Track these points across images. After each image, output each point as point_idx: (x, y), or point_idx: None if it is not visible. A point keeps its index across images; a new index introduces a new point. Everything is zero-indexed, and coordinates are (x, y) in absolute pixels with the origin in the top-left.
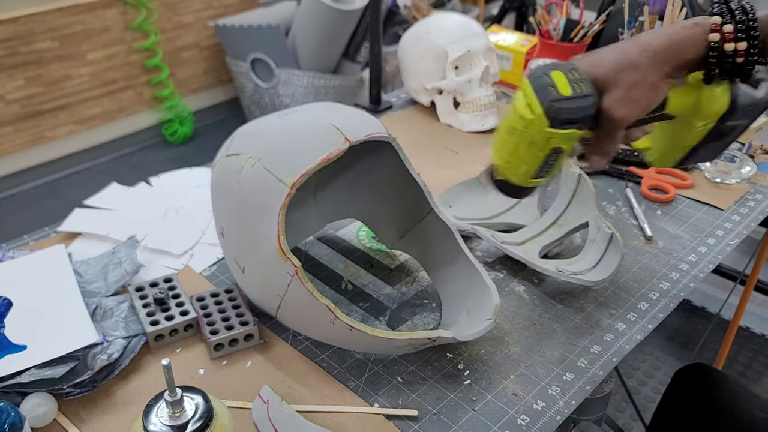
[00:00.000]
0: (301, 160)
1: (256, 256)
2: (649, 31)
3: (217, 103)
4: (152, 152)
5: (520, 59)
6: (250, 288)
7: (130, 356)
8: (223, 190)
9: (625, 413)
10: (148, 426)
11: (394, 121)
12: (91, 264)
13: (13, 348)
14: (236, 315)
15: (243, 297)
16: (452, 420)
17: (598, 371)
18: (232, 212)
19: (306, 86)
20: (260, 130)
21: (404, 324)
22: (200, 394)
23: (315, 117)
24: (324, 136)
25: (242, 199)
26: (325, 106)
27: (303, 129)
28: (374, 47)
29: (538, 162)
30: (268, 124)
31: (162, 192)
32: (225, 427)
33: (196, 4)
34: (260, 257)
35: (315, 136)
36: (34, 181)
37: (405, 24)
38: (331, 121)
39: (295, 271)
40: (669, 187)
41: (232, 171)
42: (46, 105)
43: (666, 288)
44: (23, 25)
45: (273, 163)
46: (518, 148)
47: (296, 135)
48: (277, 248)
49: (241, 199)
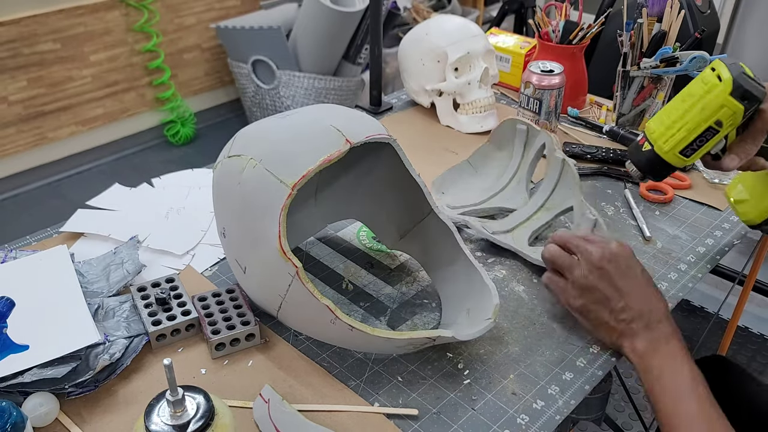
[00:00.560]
0: (302, 161)
1: (257, 256)
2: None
3: (219, 104)
4: (154, 153)
5: (519, 61)
6: (252, 288)
7: (132, 356)
8: (225, 191)
9: (624, 413)
10: (149, 425)
11: (394, 122)
12: (93, 264)
13: (16, 348)
14: (237, 315)
15: (244, 297)
16: (452, 419)
17: (597, 371)
18: (233, 213)
19: (307, 88)
20: (261, 131)
21: (404, 324)
22: (202, 394)
23: (315, 118)
24: (325, 138)
25: (243, 199)
26: (325, 108)
27: (304, 130)
28: (374, 49)
29: (697, 132)
30: (270, 126)
31: (164, 193)
32: (226, 427)
33: (198, 6)
34: (261, 258)
35: (316, 137)
36: (36, 182)
37: (405, 26)
38: (332, 123)
39: (296, 272)
40: (667, 187)
41: (233, 172)
42: (48, 106)
43: (665, 288)
44: (26, 26)
45: (274, 164)
46: (687, 113)
47: (297, 136)
48: (278, 249)
49: (243, 200)
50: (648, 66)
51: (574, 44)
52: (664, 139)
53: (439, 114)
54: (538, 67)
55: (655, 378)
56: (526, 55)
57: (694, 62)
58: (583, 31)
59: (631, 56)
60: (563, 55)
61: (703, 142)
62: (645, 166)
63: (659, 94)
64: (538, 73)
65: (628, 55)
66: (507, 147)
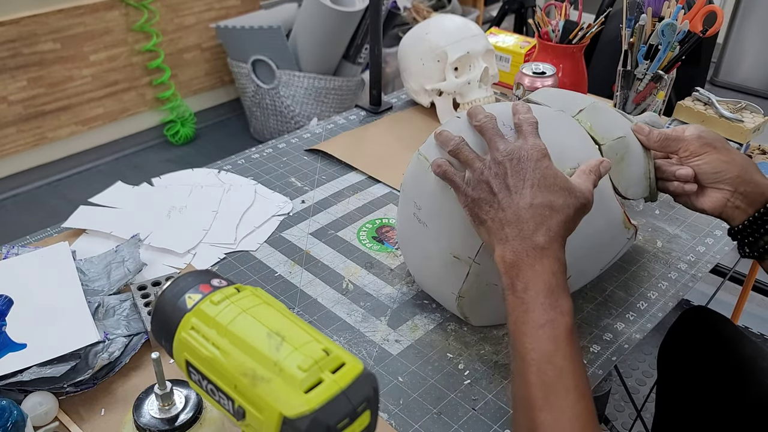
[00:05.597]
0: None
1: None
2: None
3: (219, 104)
4: (154, 153)
5: (519, 61)
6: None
7: (131, 354)
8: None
9: (624, 413)
10: (138, 419)
11: (394, 122)
12: (94, 262)
13: (14, 346)
14: None
15: None
16: (453, 419)
17: (597, 370)
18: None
19: (307, 87)
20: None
21: (405, 324)
22: (190, 387)
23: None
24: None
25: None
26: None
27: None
28: (374, 49)
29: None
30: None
31: (166, 191)
32: (214, 420)
33: (198, 6)
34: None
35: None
36: (36, 181)
37: (405, 26)
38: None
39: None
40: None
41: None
42: (48, 106)
43: (665, 287)
44: (25, 26)
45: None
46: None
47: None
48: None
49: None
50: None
51: (574, 44)
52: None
53: (439, 114)
54: (530, 68)
55: (519, 302)
56: (526, 54)
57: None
58: (583, 30)
59: (631, 56)
60: (563, 54)
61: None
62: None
63: (659, 93)
64: (529, 75)
65: (629, 54)
66: None
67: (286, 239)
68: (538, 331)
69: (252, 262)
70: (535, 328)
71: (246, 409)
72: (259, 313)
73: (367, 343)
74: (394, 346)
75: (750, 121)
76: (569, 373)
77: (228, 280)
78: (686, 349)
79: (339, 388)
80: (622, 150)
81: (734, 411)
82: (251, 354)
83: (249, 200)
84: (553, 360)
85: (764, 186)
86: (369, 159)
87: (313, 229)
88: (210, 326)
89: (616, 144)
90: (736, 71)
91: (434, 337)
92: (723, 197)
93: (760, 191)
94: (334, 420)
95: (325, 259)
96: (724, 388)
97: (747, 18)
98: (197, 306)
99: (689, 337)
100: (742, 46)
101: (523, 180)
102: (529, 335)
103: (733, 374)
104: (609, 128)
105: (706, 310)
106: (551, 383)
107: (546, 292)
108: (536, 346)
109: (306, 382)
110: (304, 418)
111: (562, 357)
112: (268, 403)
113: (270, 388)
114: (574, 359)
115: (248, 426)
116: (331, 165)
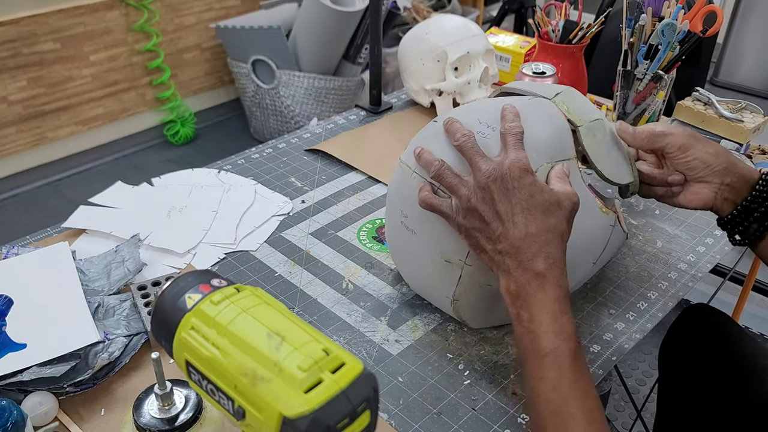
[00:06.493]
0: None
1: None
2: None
3: (219, 104)
4: (154, 153)
5: (519, 61)
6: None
7: (131, 354)
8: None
9: (624, 413)
10: (138, 419)
11: (394, 121)
12: (95, 262)
13: (14, 346)
14: None
15: None
16: (453, 419)
17: (597, 370)
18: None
19: (307, 87)
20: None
21: (405, 324)
22: (190, 387)
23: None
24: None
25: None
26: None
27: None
28: (374, 49)
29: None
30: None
31: (166, 191)
32: (214, 420)
33: (198, 6)
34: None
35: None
36: (36, 181)
37: (405, 26)
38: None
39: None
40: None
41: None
42: (48, 106)
43: (665, 287)
44: (25, 26)
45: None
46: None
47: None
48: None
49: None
50: (644, 70)
51: (574, 44)
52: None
53: (439, 113)
54: (530, 68)
55: (526, 332)
56: (526, 54)
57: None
58: (583, 30)
59: (631, 56)
60: (563, 54)
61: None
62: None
63: (659, 93)
64: (529, 75)
65: (629, 54)
66: None
67: (286, 239)
68: (544, 360)
69: (252, 262)
70: (540, 357)
71: (246, 409)
72: (259, 313)
73: (367, 343)
74: (394, 346)
75: (750, 121)
76: (574, 399)
77: (228, 280)
78: (688, 347)
79: (339, 388)
80: (600, 131)
81: (736, 410)
82: (251, 354)
83: (249, 200)
84: (558, 388)
85: (748, 173)
86: (369, 159)
87: (313, 229)
88: (210, 326)
89: (594, 125)
90: (736, 71)
91: (434, 338)
92: (711, 191)
93: (745, 179)
94: (334, 420)
95: (325, 259)
96: (725, 386)
97: (747, 18)
98: (197, 306)
99: (691, 334)
100: (742, 46)
101: (512, 204)
102: (536, 365)
103: (735, 373)
104: (585, 111)
105: (708, 308)
106: (558, 412)
107: (549, 320)
108: (543, 375)
109: (306, 382)
110: (304, 418)
111: (567, 384)
112: (268, 403)
113: (270, 388)
114: (578, 385)
115: (248, 426)
116: (331, 165)
